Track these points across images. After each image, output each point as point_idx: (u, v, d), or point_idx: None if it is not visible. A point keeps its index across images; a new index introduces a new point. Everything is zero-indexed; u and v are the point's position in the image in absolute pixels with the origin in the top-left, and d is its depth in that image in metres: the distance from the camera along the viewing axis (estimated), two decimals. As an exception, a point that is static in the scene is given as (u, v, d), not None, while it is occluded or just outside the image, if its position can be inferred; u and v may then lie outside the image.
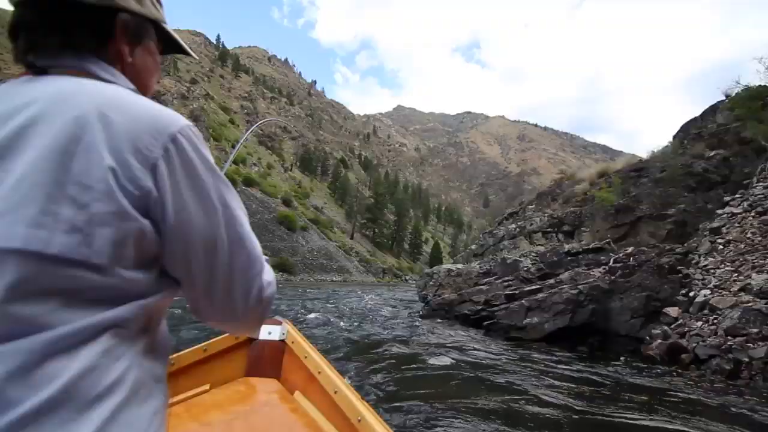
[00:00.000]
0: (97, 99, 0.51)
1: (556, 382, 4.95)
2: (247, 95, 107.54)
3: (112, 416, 0.45)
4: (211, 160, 0.57)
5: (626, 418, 3.81)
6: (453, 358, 5.97)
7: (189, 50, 0.76)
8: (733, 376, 5.17)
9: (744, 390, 4.81)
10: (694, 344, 5.89)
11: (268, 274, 0.63)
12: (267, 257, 0.67)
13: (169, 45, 0.71)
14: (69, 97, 0.51)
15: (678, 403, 4.26)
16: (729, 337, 5.66)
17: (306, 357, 1.45)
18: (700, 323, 6.26)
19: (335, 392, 1.25)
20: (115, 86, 0.56)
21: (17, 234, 0.43)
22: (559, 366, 5.89)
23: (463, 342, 7.36)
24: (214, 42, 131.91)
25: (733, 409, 4.16)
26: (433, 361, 5.82)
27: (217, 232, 0.55)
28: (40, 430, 0.40)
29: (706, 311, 6.46)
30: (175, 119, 0.54)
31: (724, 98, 12.08)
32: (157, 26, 0.66)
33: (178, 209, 0.52)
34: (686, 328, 6.34)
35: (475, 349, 6.72)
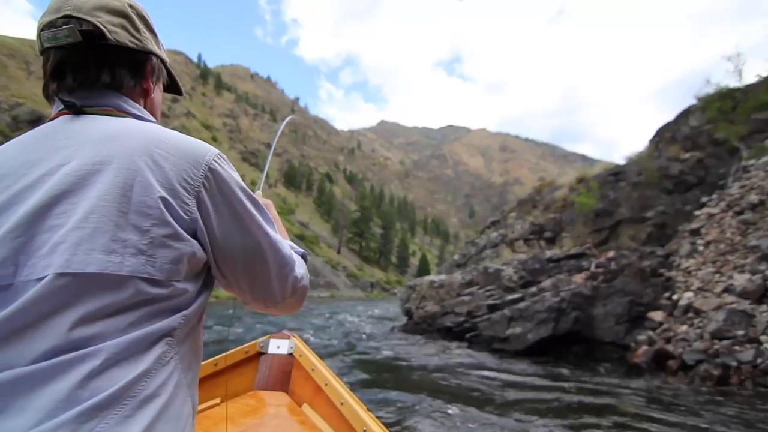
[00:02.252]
0: (143, 137, 0.58)
1: (542, 395, 4.66)
2: (229, 113, 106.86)
3: (158, 415, 0.50)
4: (240, 180, 0.64)
5: (613, 430, 3.53)
6: (434, 373, 5.63)
7: (182, 89, 0.86)
8: (723, 382, 4.95)
9: (735, 396, 4.58)
10: (681, 349, 5.67)
11: (300, 268, 0.74)
12: (303, 251, 0.81)
13: (167, 85, 0.81)
14: (120, 136, 0.58)
15: (667, 414, 4.00)
16: (715, 341, 5.47)
17: (313, 369, 1.49)
18: (685, 327, 6.07)
19: (341, 403, 1.29)
20: (151, 123, 0.64)
21: (94, 260, 0.50)
22: (544, 377, 5.60)
23: (445, 356, 7.02)
24: (195, 61, 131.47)
25: (724, 417, 3.91)
26: (413, 376, 5.47)
27: (253, 242, 0.64)
28: (101, 422, 0.46)
29: (690, 314, 6.28)
30: (207, 149, 0.62)
31: (696, 102, 12.26)
32: (165, 66, 0.76)
33: (220, 227, 0.60)
34: (672, 333, 6.14)
35: (456, 363, 6.39)
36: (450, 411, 4.04)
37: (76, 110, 0.61)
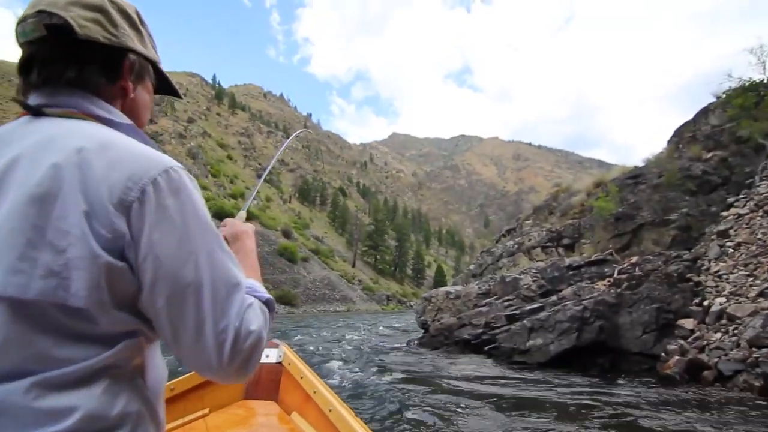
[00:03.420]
0: (80, 144, 0.52)
1: (567, 409, 4.38)
2: (244, 131, 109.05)
3: None
4: (195, 201, 0.55)
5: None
6: (450, 387, 5.40)
7: (178, 92, 0.80)
8: (766, 392, 4.59)
9: (780, 409, 4.23)
10: (716, 359, 5.32)
11: (252, 322, 0.55)
12: (269, 296, 0.63)
13: (160, 87, 0.75)
14: (52, 143, 0.52)
15: (708, 429, 3.69)
16: (754, 349, 5.11)
17: (302, 377, 1.49)
18: (719, 335, 5.71)
19: (330, 410, 1.29)
20: (106, 129, 0.57)
21: None
22: (569, 391, 5.30)
23: (463, 370, 6.76)
24: (210, 82, 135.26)
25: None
26: (429, 391, 5.25)
27: (186, 276, 0.52)
28: None
29: (724, 321, 5.92)
30: (158, 162, 0.54)
31: (715, 100, 11.87)
32: (154, 67, 0.70)
33: (148, 251, 0.51)
34: (705, 341, 5.78)
35: (475, 377, 6.13)
36: (467, 427, 3.82)
37: (33, 112, 0.57)
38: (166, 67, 0.77)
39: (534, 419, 4.11)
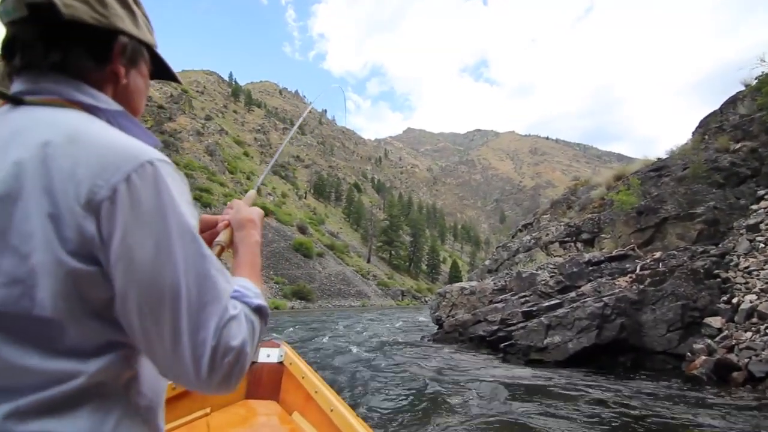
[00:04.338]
0: (46, 138, 0.48)
1: (588, 411, 4.22)
2: (260, 128, 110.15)
3: None
4: (175, 200, 0.51)
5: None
6: (463, 385, 5.29)
7: (177, 76, 0.75)
8: (800, 397, 4.33)
9: (817, 414, 3.98)
10: (746, 359, 5.06)
11: (235, 337, 0.51)
12: (260, 303, 0.57)
13: (157, 72, 0.71)
14: (18, 137, 0.49)
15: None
16: (787, 349, 4.83)
17: (303, 377, 1.50)
18: (749, 334, 5.44)
19: (331, 410, 1.30)
20: (84, 118, 0.53)
21: None
22: (590, 391, 5.13)
23: (478, 367, 6.64)
24: (227, 79, 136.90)
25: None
26: (441, 389, 5.15)
27: (161, 283, 0.49)
28: None
29: (754, 319, 5.63)
30: (132, 156, 0.50)
31: (744, 89, 11.33)
32: (149, 50, 0.67)
33: (119, 256, 0.48)
34: (734, 341, 5.51)
35: (489, 375, 6.00)
36: (478, 426, 3.71)
37: (11, 100, 0.54)
38: (183, 65, 0.72)
39: (550, 419, 3.97)
